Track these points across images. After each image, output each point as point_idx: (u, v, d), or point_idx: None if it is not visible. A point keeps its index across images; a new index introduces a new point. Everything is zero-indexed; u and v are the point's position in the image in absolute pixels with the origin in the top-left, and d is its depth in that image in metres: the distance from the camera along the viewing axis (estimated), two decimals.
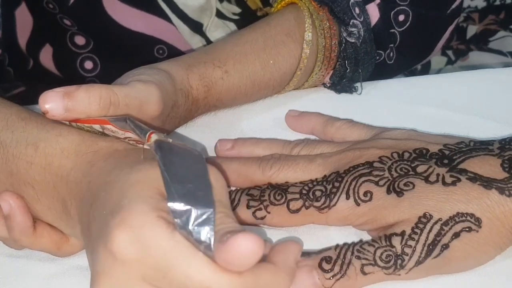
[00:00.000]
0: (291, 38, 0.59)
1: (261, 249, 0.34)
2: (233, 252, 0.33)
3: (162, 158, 0.38)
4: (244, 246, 0.33)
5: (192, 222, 0.35)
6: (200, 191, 0.36)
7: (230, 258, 0.34)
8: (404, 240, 0.44)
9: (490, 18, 0.96)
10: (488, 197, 0.44)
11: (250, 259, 0.34)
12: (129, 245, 0.35)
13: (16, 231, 0.45)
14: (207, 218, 0.35)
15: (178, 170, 0.37)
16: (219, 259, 0.34)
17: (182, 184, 0.36)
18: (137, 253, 0.35)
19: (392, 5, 0.63)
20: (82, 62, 0.74)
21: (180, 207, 0.36)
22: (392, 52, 0.64)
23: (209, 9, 0.70)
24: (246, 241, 0.33)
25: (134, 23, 0.70)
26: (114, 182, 0.39)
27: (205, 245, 0.35)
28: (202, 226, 0.35)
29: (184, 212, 0.35)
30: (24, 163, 0.44)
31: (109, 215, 0.36)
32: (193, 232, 0.35)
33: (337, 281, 0.43)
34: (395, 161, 0.47)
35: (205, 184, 0.37)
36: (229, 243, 0.34)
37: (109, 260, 0.35)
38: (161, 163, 0.37)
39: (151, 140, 0.39)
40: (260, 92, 0.60)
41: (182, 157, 0.38)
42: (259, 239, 0.34)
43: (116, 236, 0.35)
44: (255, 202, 0.48)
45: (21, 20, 0.72)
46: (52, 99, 0.43)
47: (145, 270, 0.35)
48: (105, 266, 0.36)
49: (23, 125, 0.45)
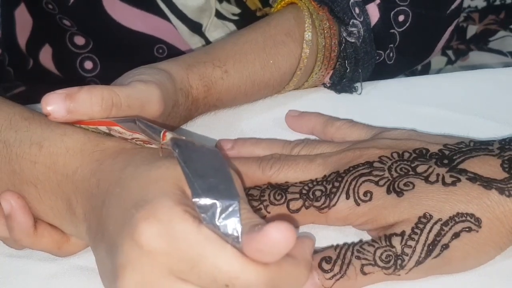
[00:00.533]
0: (291, 38, 0.59)
1: (293, 238, 0.34)
2: (267, 240, 0.34)
3: (181, 154, 0.38)
4: (278, 235, 0.34)
5: (218, 215, 0.36)
6: (223, 185, 0.37)
7: (263, 246, 0.34)
8: (404, 240, 0.44)
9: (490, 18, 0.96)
10: (488, 197, 0.44)
11: (283, 247, 0.35)
12: (157, 238, 0.35)
13: (16, 231, 0.45)
14: (233, 210, 0.36)
15: (197, 166, 0.38)
16: (249, 249, 0.35)
17: (203, 179, 0.37)
18: (165, 246, 0.35)
19: (392, 5, 0.63)
20: (82, 62, 0.74)
21: (205, 201, 0.36)
22: (392, 52, 0.64)
23: (208, 9, 0.70)
24: (280, 230, 0.34)
25: (133, 22, 0.70)
26: (132, 178, 0.39)
27: (233, 238, 0.35)
28: (228, 219, 0.36)
29: (209, 206, 0.36)
30: (28, 163, 0.44)
31: (133, 209, 0.37)
32: (220, 226, 0.36)
33: (337, 281, 0.43)
34: (395, 161, 0.47)
35: (227, 177, 0.38)
36: (264, 232, 0.34)
37: (135, 252, 0.36)
38: (180, 160, 0.38)
39: (167, 138, 0.40)
40: (260, 92, 0.60)
41: (199, 153, 0.39)
42: (292, 228, 0.34)
43: (144, 229, 0.35)
44: (255, 202, 0.48)
45: (20, 20, 0.72)
46: (54, 101, 0.43)
47: (172, 262, 0.35)
48: (132, 257, 0.36)
49: (27, 125, 0.45)
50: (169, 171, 0.39)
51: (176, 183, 0.38)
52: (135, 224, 0.36)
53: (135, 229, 0.36)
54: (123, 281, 0.36)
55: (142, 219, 0.36)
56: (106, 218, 0.39)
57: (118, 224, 0.38)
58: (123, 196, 0.39)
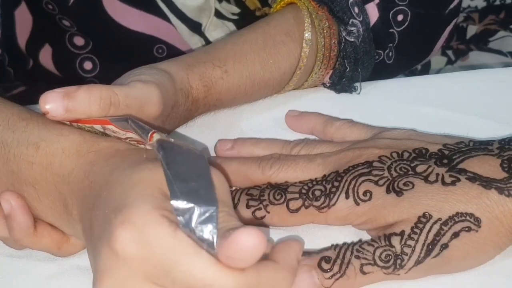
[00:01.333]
0: (291, 38, 0.59)
1: (263, 244, 0.34)
2: (235, 247, 0.34)
3: (164, 157, 0.38)
4: (246, 241, 0.33)
5: (195, 220, 0.35)
6: (203, 189, 0.37)
7: (232, 253, 0.34)
8: (403, 239, 0.44)
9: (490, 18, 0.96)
10: (487, 197, 0.44)
11: (253, 254, 0.34)
12: (131, 243, 0.35)
13: (16, 231, 0.45)
14: (210, 216, 0.35)
15: (180, 169, 0.37)
16: (222, 256, 0.34)
17: (184, 182, 0.37)
18: (139, 251, 0.35)
19: (391, 5, 0.63)
20: (82, 62, 0.74)
21: (183, 205, 0.36)
22: (391, 52, 0.64)
23: (208, 9, 0.70)
24: (248, 235, 0.33)
25: (133, 22, 0.70)
26: (116, 181, 0.39)
27: (208, 243, 0.35)
28: (205, 224, 0.35)
29: (187, 210, 0.36)
30: (25, 163, 0.44)
31: (112, 214, 0.36)
32: (196, 230, 0.35)
33: (337, 280, 0.43)
34: (395, 161, 0.47)
35: (208, 183, 0.37)
36: (232, 238, 0.34)
37: (111, 258, 0.35)
38: (163, 161, 0.38)
39: (153, 139, 0.40)
40: (260, 92, 0.60)
41: (184, 156, 0.39)
42: (261, 234, 0.34)
43: (118, 234, 0.35)
44: (254, 201, 0.48)
45: (20, 20, 0.72)
46: (52, 100, 0.43)
47: (147, 268, 0.35)
48: (108, 264, 0.36)
49: (24, 125, 0.45)
50: (151, 174, 0.38)
51: (158, 186, 0.38)
52: (112, 230, 0.36)
53: (111, 234, 0.35)
54: (100, 286, 0.36)
55: (118, 224, 0.35)
56: (94, 221, 0.39)
57: (100, 229, 0.37)
58: (107, 200, 0.38)
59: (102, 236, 0.37)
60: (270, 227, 0.49)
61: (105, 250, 0.36)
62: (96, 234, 0.38)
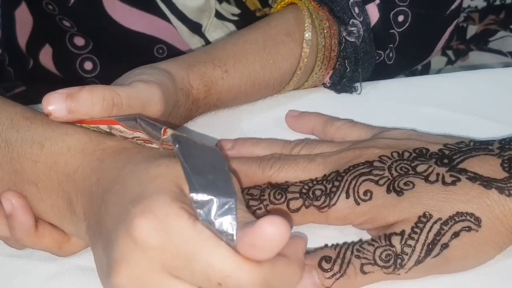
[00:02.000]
0: (291, 38, 0.59)
1: (288, 233, 0.34)
2: (261, 235, 0.34)
3: (180, 149, 0.38)
4: (272, 230, 0.34)
5: (214, 212, 0.36)
6: (220, 182, 0.37)
7: (257, 241, 0.34)
8: (403, 239, 0.44)
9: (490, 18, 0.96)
10: (488, 197, 0.44)
11: (277, 243, 0.34)
12: (152, 232, 0.35)
13: (17, 231, 0.45)
14: (229, 207, 0.36)
15: (197, 162, 0.38)
16: (243, 245, 0.35)
17: (202, 175, 0.37)
18: (159, 241, 0.35)
19: (392, 5, 0.63)
20: (82, 63, 0.74)
21: (203, 197, 0.36)
22: (391, 52, 0.64)
23: (208, 10, 0.70)
24: (274, 224, 0.34)
25: (134, 23, 0.70)
26: (131, 175, 0.39)
27: (227, 235, 0.35)
28: (224, 216, 0.36)
29: (206, 202, 0.36)
30: (29, 162, 0.44)
31: (130, 204, 0.37)
32: (215, 222, 0.35)
33: (337, 280, 0.43)
34: (395, 161, 0.47)
35: (225, 175, 0.38)
36: (257, 226, 0.34)
37: (130, 246, 0.36)
38: (180, 154, 0.38)
39: (167, 134, 0.40)
40: (260, 92, 0.60)
41: (199, 150, 0.39)
42: (286, 224, 0.34)
43: (139, 223, 0.35)
44: (255, 201, 0.48)
45: (20, 20, 0.72)
46: (55, 101, 0.43)
47: (166, 258, 0.35)
48: (126, 252, 0.36)
49: (28, 124, 0.45)
50: (168, 169, 0.39)
51: (174, 181, 0.38)
52: (130, 218, 0.36)
53: (131, 223, 0.36)
54: (117, 275, 0.36)
55: (138, 213, 0.36)
56: (104, 215, 0.39)
57: (115, 220, 0.38)
58: (121, 193, 0.39)
59: (118, 226, 0.37)
60: None
61: (123, 238, 0.36)
62: (110, 226, 0.38)
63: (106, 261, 0.38)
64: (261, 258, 0.35)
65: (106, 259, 0.38)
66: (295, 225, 0.48)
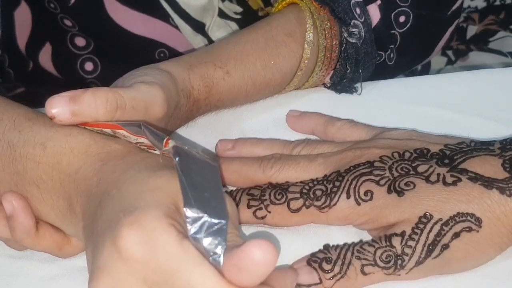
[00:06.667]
0: (292, 38, 0.59)
1: (275, 259, 0.33)
2: (247, 257, 0.33)
3: (180, 163, 0.38)
4: (258, 253, 0.33)
5: (205, 230, 0.35)
6: (215, 202, 0.37)
7: (242, 263, 0.33)
8: (404, 240, 0.44)
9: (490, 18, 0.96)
10: (488, 197, 0.44)
11: (263, 267, 0.33)
12: (137, 245, 0.35)
13: (18, 232, 0.45)
14: (220, 228, 0.35)
15: (195, 177, 0.37)
16: (228, 266, 0.34)
17: (198, 191, 0.37)
18: (143, 254, 0.35)
19: (393, 6, 0.63)
20: (83, 63, 0.74)
21: (195, 213, 0.36)
22: (392, 53, 0.64)
23: (211, 9, 0.70)
24: (261, 248, 0.33)
25: (135, 26, 0.70)
26: (130, 181, 0.39)
27: (215, 256, 0.35)
28: (214, 236, 0.35)
29: (198, 218, 0.36)
30: (32, 163, 0.44)
31: (121, 213, 0.36)
32: (204, 240, 0.35)
33: (337, 281, 0.43)
34: (396, 161, 0.47)
35: (219, 195, 0.37)
36: (244, 247, 0.33)
37: (114, 256, 0.35)
38: (179, 168, 0.38)
39: (169, 145, 0.40)
40: (261, 92, 0.60)
41: (198, 165, 0.39)
42: (274, 248, 0.33)
43: (126, 234, 0.35)
44: (255, 201, 0.48)
45: (20, 21, 0.72)
46: (58, 104, 0.43)
47: (148, 272, 0.35)
48: (109, 261, 0.36)
49: (31, 125, 0.45)
50: (167, 183, 0.38)
51: (171, 197, 0.38)
52: (119, 228, 0.36)
53: (118, 233, 0.35)
54: (97, 283, 0.36)
55: (126, 224, 0.35)
56: (99, 218, 0.39)
57: (105, 225, 0.37)
58: (117, 198, 0.38)
59: (106, 232, 0.37)
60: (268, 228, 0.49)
61: (108, 247, 0.36)
62: (100, 230, 0.38)
63: (90, 265, 0.38)
64: (246, 283, 0.34)
65: (91, 264, 0.38)
66: (296, 225, 0.49)
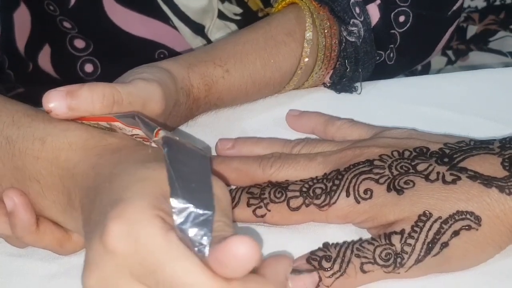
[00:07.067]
0: (292, 38, 0.59)
1: (256, 256, 0.33)
2: (227, 252, 0.33)
3: (168, 154, 0.38)
4: (239, 249, 0.33)
5: (191, 220, 0.35)
6: (202, 193, 0.37)
7: (223, 258, 0.33)
8: (403, 238, 0.44)
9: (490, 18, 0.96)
10: (488, 196, 0.44)
11: (244, 263, 0.33)
12: (122, 239, 0.35)
13: (19, 228, 0.45)
14: (206, 219, 0.35)
15: (183, 168, 0.37)
16: (213, 260, 0.34)
17: (185, 182, 0.37)
18: (128, 248, 0.35)
19: (393, 6, 0.63)
20: (82, 65, 0.73)
21: (182, 203, 0.36)
22: (392, 53, 0.65)
23: (211, 11, 0.70)
24: (242, 243, 0.33)
25: (135, 27, 0.70)
26: (119, 174, 0.39)
27: (200, 247, 0.35)
28: (200, 227, 0.35)
29: (184, 209, 0.35)
30: (31, 158, 0.44)
31: (109, 206, 0.36)
32: (189, 231, 0.35)
33: (337, 279, 0.43)
34: (396, 160, 0.47)
35: (207, 186, 0.37)
36: (225, 243, 0.33)
37: (100, 251, 0.35)
38: (167, 158, 0.38)
39: (159, 136, 0.40)
40: (261, 91, 0.60)
41: (187, 156, 0.39)
42: (255, 245, 0.33)
43: (111, 228, 0.35)
44: (255, 200, 0.48)
45: (19, 22, 0.72)
46: (55, 98, 0.43)
47: (134, 265, 0.35)
48: (96, 257, 0.36)
49: (29, 121, 0.45)
50: (155, 173, 0.38)
51: (159, 187, 0.37)
52: (105, 223, 0.36)
53: (105, 227, 0.35)
54: (88, 277, 0.36)
55: (112, 218, 0.35)
56: (93, 212, 0.39)
57: (96, 220, 0.38)
58: (108, 191, 0.38)
59: (96, 227, 0.37)
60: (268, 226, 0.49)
61: (96, 241, 0.36)
62: (92, 224, 0.38)
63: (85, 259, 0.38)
64: (230, 276, 0.34)
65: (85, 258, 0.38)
66: (296, 223, 0.49)
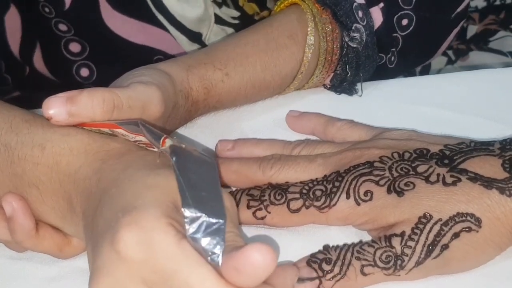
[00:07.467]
0: (294, 41, 0.59)
1: (274, 264, 0.33)
2: (245, 260, 0.33)
3: (177, 163, 0.38)
4: (258, 257, 0.33)
5: (203, 230, 0.35)
6: (213, 201, 0.37)
7: (241, 266, 0.33)
8: (404, 240, 0.44)
9: (490, 18, 0.96)
10: (488, 197, 0.44)
11: (262, 270, 0.33)
12: (135, 246, 0.35)
13: (18, 233, 0.45)
14: (218, 228, 0.35)
15: (192, 177, 0.37)
16: (226, 268, 0.34)
17: (196, 191, 0.37)
18: (142, 255, 0.35)
19: (396, 9, 0.62)
20: (78, 69, 0.73)
21: (194, 213, 0.36)
22: (393, 56, 0.64)
23: (207, 19, 0.69)
24: (260, 252, 0.33)
25: (132, 33, 0.69)
26: (129, 180, 0.39)
27: (213, 256, 0.35)
28: (212, 236, 0.35)
29: (196, 218, 0.36)
30: (30, 164, 0.44)
31: (120, 213, 0.36)
32: (202, 240, 0.35)
33: (337, 282, 0.43)
34: (396, 161, 0.47)
35: (217, 194, 0.37)
36: (244, 251, 0.33)
37: (112, 257, 0.35)
38: (176, 168, 0.38)
39: (166, 145, 0.40)
40: (260, 94, 0.60)
41: (195, 164, 0.39)
42: (273, 253, 0.33)
43: (124, 235, 0.35)
44: (255, 202, 0.48)
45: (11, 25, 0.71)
46: (55, 105, 0.43)
47: (146, 273, 0.35)
48: (107, 262, 0.36)
49: (28, 127, 0.45)
50: (166, 181, 0.38)
51: (170, 195, 0.38)
52: (117, 229, 0.36)
53: (116, 234, 0.35)
54: (97, 283, 0.36)
55: (125, 224, 0.35)
56: (98, 217, 0.39)
57: (105, 225, 0.37)
58: (116, 197, 0.39)
59: (106, 232, 0.37)
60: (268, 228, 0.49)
61: (107, 248, 0.36)
62: (100, 230, 0.38)
63: (91, 265, 0.38)
64: (245, 285, 0.34)
65: (91, 264, 0.38)
66: (296, 225, 0.49)
